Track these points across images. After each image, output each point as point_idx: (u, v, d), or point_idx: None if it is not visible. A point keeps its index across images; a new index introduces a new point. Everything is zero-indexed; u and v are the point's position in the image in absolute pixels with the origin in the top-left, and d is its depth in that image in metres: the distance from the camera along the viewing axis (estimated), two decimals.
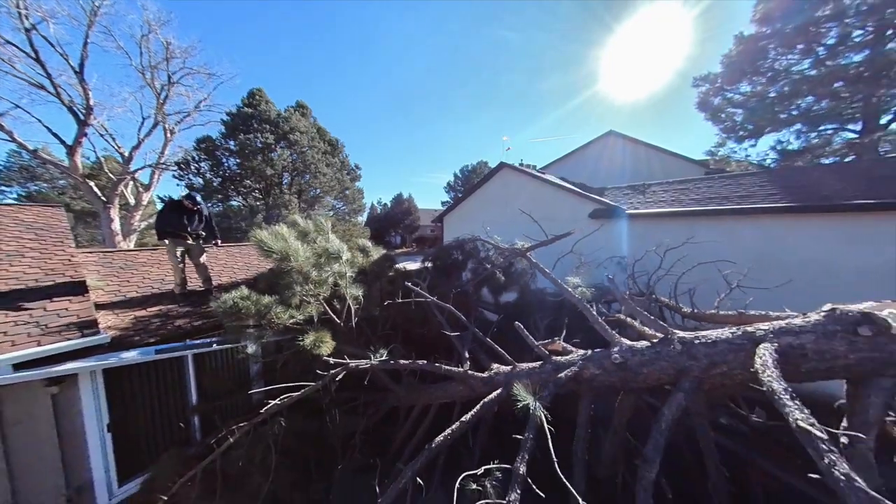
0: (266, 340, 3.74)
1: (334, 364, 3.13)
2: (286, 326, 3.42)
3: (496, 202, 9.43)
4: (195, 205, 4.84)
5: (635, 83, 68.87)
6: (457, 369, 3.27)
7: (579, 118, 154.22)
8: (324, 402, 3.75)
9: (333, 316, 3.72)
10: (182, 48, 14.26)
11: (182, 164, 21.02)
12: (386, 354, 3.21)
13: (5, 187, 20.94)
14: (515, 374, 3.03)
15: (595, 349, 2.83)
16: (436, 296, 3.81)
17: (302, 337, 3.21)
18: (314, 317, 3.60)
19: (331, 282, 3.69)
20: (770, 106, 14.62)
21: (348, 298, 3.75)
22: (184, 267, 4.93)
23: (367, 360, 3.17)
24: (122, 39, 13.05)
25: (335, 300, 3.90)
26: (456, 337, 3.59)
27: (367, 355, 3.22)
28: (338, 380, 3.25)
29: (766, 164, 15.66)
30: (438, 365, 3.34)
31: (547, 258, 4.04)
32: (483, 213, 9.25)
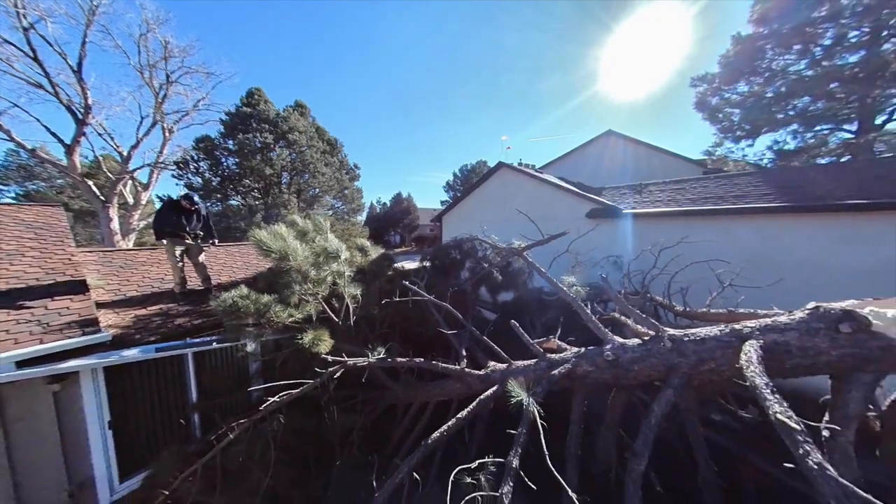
0: (265, 339, 3.79)
1: (333, 362, 3.16)
2: (285, 325, 3.46)
3: (495, 201, 9.49)
4: (193, 205, 4.87)
5: (634, 83, 68.99)
6: (454, 367, 3.31)
7: (579, 118, 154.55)
8: (322, 400, 3.80)
9: (332, 315, 3.76)
10: (181, 47, 14.25)
11: (181, 164, 20.96)
12: (384, 352, 3.24)
13: (3, 186, 20.88)
14: (511, 372, 3.08)
15: (589, 347, 2.89)
16: (434, 295, 3.86)
17: (301, 335, 3.23)
18: (313, 315, 3.63)
19: (329, 281, 3.73)
20: (767, 106, 14.72)
21: (347, 297, 3.79)
22: (183, 266, 4.97)
23: (366, 358, 3.21)
24: (121, 38, 13.05)
25: (334, 299, 3.94)
26: (453, 335, 3.64)
27: (366, 353, 3.26)
28: (336, 377, 3.29)
29: (763, 164, 15.76)
30: (436, 363, 3.38)
31: (544, 257, 4.10)
32: (482, 213, 9.29)
